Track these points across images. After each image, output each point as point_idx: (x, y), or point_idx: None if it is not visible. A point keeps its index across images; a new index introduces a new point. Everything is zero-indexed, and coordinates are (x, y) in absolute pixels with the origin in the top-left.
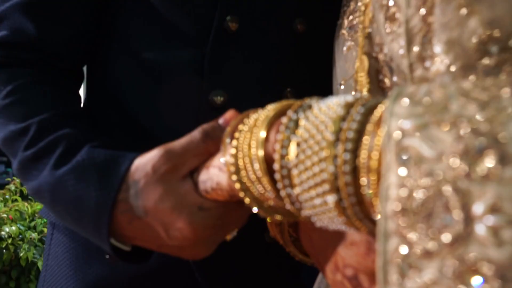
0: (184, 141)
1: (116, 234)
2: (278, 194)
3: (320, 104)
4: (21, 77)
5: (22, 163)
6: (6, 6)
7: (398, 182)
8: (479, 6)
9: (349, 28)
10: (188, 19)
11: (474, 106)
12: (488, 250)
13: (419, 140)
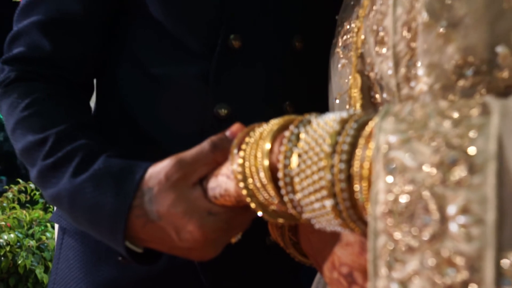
0: (194, 151)
1: (131, 237)
2: (281, 199)
3: (318, 119)
4: (38, 91)
5: (41, 171)
6: (24, 24)
7: (385, 188)
8: (455, 35)
9: (343, 47)
10: (194, 36)
11: (448, 124)
12: (460, 245)
13: (403, 152)
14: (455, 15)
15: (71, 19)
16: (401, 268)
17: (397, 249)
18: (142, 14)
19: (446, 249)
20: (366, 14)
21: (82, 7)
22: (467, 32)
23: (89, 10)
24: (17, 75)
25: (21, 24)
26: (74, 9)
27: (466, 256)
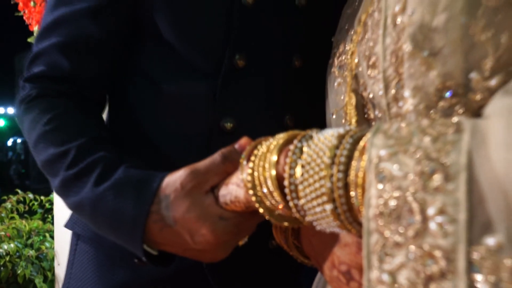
0: (207, 162)
1: (148, 241)
2: (286, 205)
3: (319, 135)
4: (58, 107)
5: (64, 181)
6: (44, 45)
7: (377, 194)
8: (435, 63)
9: (338, 67)
10: (202, 56)
11: (428, 140)
12: (438, 240)
13: (391, 164)
14: (435, 46)
15: (89, 41)
16: (390, 261)
17: (387, 245)
18: (154, 35)
19: (427, 244)
20: (359, 40)
21: (99, 30)
22: (445, 60)
23: (106, 33)
24: (38, 92)
25: (41, 45)
26: (92, 32)
27: (443, 250)
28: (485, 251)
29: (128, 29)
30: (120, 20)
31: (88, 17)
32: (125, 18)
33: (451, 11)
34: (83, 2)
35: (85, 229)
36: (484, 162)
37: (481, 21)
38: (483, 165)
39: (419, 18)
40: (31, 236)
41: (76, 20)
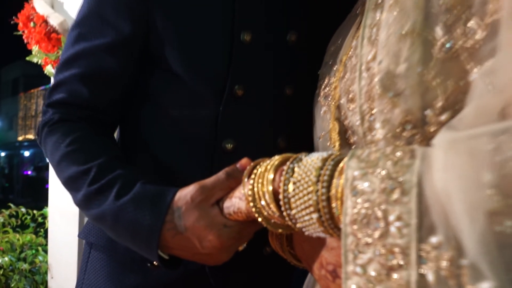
0: (213, 179)
1: (161, 247)
2: (281, 214)
3: (307, 158)
4: (78, 130)
5: (86, 195)
6: (66, 75)
7: (351, 205)
8: (399, 102)
9: (324, 97)
10: (206, 86)
11: (390, 163)
12: (396, 240)
13: (362, 182)
14: (399, 88)
15: (106, 73)
16: (362, 256)
17: (359, 245)
18: (163, 68)
19: (388, 243)
20: (341, 77)
21: (115, 64)
22: (406, 100)
23: (121, 66)
24: (60, 117)
25: (62, 75)
26: (108, 65)
27: (400, 247)
28: (430, 248)
29: (141, 62)
30: (134, 55)
31: (105, 52)
32: (138, 53)
33: (410, 62)
34: (101, 39)
35: (99, 238)
36: (429, 181)
37: (433, 70)
38: (428, 183)
39: (386, 66)
40: (23, 250)
41: (94, 54)
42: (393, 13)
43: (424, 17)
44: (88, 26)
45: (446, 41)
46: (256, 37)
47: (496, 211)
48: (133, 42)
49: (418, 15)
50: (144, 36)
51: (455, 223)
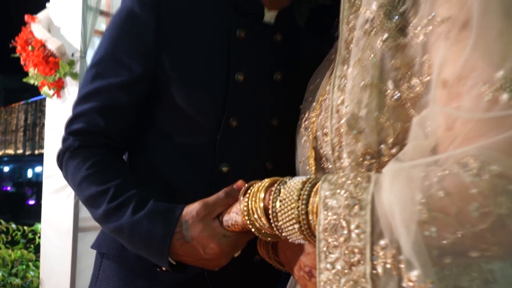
0: (214, 197)
1: (171, 254)
2: (270, 225)
3: (290, 181)
4: (96, 155)
5: (106, 211)
6: (84, 108)
7: (323, 217)
8: (361, 138)
9: (304, 128)
10: (206, 118)
11: (352, 186)
12: (356, 243)
13: (331, 199)
14: (361, 127)
15: (119, 106)
16: (331, 256)
17: (329, 247)
18: (169, 101)
19: (350, 246)
20: (318, 114)
21: (128, 98)
22: (366, 137)
23: (132, 101)
24: (80, 144)
25: (81, 108)
26: (122, 100)
27: (358, 248)
28: (379, 248)
29: (149, 97)
30: (144, 91)
31: (119, 89)
32: (147, 89)
33: (369, 108)
34: (116, 78)
35: (110, 248)
36: (379, 199)
37: (386, 114)
38: (378, 201)
39: (351, 110)
40: (14, 265)
41: (110, 91)
42: (356, 69)
43: (379, 73)
44: (105, 67)
45: (395, 92)
46: (248, 77)
47: (424, 221)
48: (143, 81)
49: (375, 71)
50: (152, 76)
51: (396, 230)
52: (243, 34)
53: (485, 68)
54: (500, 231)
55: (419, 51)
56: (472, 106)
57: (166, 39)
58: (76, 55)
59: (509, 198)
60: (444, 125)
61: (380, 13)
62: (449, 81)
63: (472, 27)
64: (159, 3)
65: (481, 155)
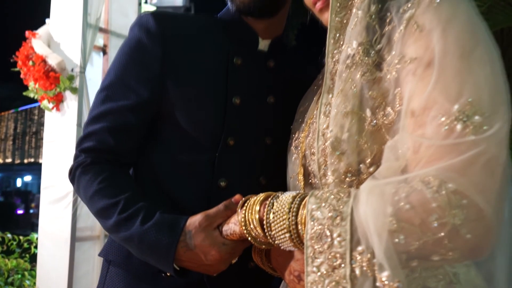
0: (215, 209)
1: (175, 260)
2: (264, 235)
3: (282, 196)
4: (106, 171)
5: (117, 222)
6: (95, 127)
7: (310, 227)
8: (343, 158)
9: (294, 147)
10: (206, 137)
11: (335, 200)
12: (337, 249)
13: (317, 211)
14: (343, 149)
15: (128, 126)
16: (317, 261)
17: (315, 253)
18: (173, 122)
19: (333, 251)
20: (306, 135)
21: (135, 119)
22: (348, 157)
23: (140, 121)
24: (91, 160)
25: (92, 128)
26: (130, 120)
27: (340, 253)
28: (357, 253)
29: (155, 118)
30: (150, 113)
31: (128, 111)
32: (153, 112)
33: (350, 132)
34: (125, 101)
35: (116, 256)
36: (357, 212)
37: (365, 138)
38: (356, 213)
39: (335, 134)
40: (10, 274)
41: (119, 112)
42: (339, 98)
43: (359, 102)
44: (115, 91)
45: (372, 119)
46: (244, 100)
47: (394, 230)
48: (149, 104)
49: (355, 101)
50: (158, 99)
51: (371, 238)
52: (239, 61)
53: (444, 102)
54: (455, 238)
55: (392, 84)
56: (433, 134)
57: (170, 67)
58: (75, 70)
59: (462, 210)
60: (412, 149)
61: (360, 50)
62: (416, 111)
63: (435, 66)
64: (164, 35)
65: (440, 175)
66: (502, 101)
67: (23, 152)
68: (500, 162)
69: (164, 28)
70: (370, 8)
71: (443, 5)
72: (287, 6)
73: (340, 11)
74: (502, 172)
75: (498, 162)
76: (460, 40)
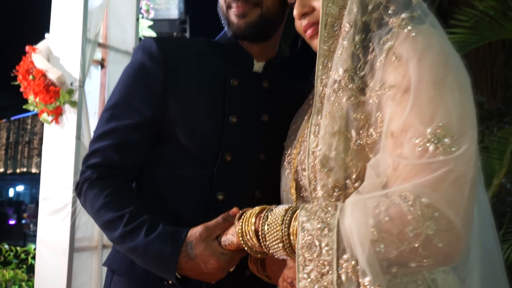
0: (214, 221)
1: (177, 269)
2: (260, 245)
3: (275, 209)
4: (112, 186)
5: (122, 234)
6: (101, 145)
7: (301, 238)
8: (331, 174)
9: (287, 163)
10: (205, 154)
11: (323, 213)
12: (325, 257)
13: (307, 223)
14: (331, 166)
15: (132, 143)
16: (307, 268)
17: (305, 260)
18: (174, 140)
19: (322, 259)
20: (298, 153)
21: (139, 137)
22: (335, 173)
23: (143, 139)
24: (97, 176)
25: (98, 145)
26: (134, 138)
27: (328, 261)
28: (343, 261)
29: (157, 136)
30: (153, 132)
31: (132, 129)
32: (156, 130)
33: (337, 151)
34: (129, 120)
35: (120, 265)
36: (343, 224)
37: (350, 156)
38: (342, 225)
39: (323, 152)
40: (7, 285)
41: (124, 130)
42: (327, 119)
43: (345, 123)
44: (119, 110)
45: (357, 139)
46: (240, 119)
47: (375, 240)
48: (152, 123)
49: (342, 121)
50: (160, 119)
51: (355, 247)
52: (236, 82)
53: (419, 126)
54: (429, 246)
55: (374, 108)
56: (409, 154)
57: (172, 88)
58: (75, 84)
59: (434, 222)
60: (391, 167)
61: (345, 76)
62: (395, 133)
63: (411, 93)
64: (166, 59)
65: (415, 190)
66: (469, 125)
67: (16, 162)
68: (467, 179)
69: (166, 52)
70: (355, 38)
71: (418, 37)
72: (279, 30)
73: (328, 40)
74: (470, 187)
75: (466, 179)
76: (433, 69)
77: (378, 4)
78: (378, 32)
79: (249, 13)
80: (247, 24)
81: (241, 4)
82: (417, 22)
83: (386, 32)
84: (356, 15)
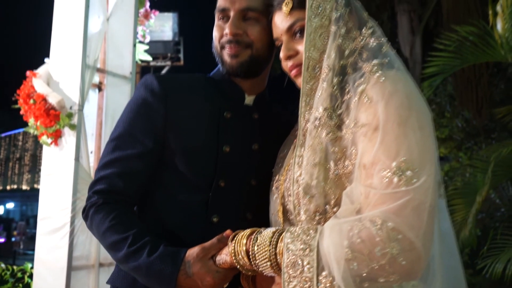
0: (210, 242)
1: (177, 286)
2: (250, 263)
3: (264, 231)
4: (116, 210)
5: (126, 254)
6: (106, 172)
7: (286, 257)
8: (312, 200)
9: (275, 188)
10: (201, 180)
11: (305, 235)
12: (307, 274)
13: (292, 245)
14: (312, 193)
15: (135, 171)
16: (292, 283)
17: (290, 277)
18: (173, 168)
19: (304, 276)
20: (284, 180)
21: (141, 166)
22: (316, 199)
23: (146, 167)
24: (103, 201)
25: (104, 173)
26: (137, 166)
27: (309, 278)
28: (322, 278)
29: (158, 164)
30: (154, 160)
31: (135, 158)
32: (157, 159)
33: (318, 180)
34: (132, 150)
35: (123, 283)
36: (322, 245)
37: (329, 184)
38: (321, 246)
39: (306, 181)
40: None
41: (127, 159)
42: (309, 151)
43: (325, 156)
44: (123, 141)
45: (335, 170)
46: (233, 148)
47: (349, 259)
48: (153, 153)
49: (322, 154)
50: (160, 149)
51: (332, 265)
52: (229, 115)
53: (385, 160)
54: (394, 264)
55: (349, 143)
56: (378, 184)
57: (172, 121)
58: (74, 108)
59: (398, 243)
60: (364, 195)
61: (325, 114)
62: (366, 165)
63: (379, 131)
64: (166, 95)
65: (382, 216)
66: (428, 160)
67: (6, 179)
68: (426, 206)
69: (166, 89)
70: (333, 80)
71: (386, 82)
72: (268, 67)
73: (310, 80)
74: (428, 213)
75: (425, 206)
76: (398, 111)
77: (353, 50)
78: (353, 75)
79: (241, 54)
80: (239, 63)
81: (233, 45)
82: (386, 68)
83: (359, 76)
84: (334, 60)
